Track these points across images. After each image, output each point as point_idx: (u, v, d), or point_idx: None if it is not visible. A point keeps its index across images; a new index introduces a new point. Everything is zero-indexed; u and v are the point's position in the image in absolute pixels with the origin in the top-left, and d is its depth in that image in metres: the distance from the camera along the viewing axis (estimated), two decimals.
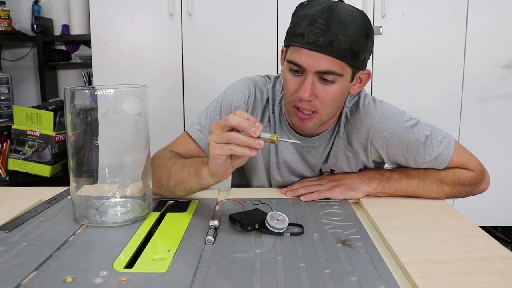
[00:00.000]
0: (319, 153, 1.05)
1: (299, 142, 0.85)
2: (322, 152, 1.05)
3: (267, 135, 0.75)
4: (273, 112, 1.06)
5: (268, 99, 1.06)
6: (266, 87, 1.07)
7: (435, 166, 0.98)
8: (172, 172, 0.90)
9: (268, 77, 1.11)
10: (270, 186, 1.13)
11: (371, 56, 0.93)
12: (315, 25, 0.84)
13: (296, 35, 0.87)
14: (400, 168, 1.02)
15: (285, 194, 1.02)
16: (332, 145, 1.04)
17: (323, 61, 0.85)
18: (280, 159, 1.07)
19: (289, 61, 0.90)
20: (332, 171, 1.07)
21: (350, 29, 0.84)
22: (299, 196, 0.99)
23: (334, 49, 0.84)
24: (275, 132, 1.06)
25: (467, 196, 1.01)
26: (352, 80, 0.92)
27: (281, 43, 1.03)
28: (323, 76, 0.87)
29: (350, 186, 0.99)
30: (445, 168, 0.98)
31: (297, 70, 0.89)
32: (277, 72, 1.97)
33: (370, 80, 1.36)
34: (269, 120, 1.06)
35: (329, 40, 0.83)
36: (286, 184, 1.08)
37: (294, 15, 0.91)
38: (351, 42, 0.84)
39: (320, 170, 1.07)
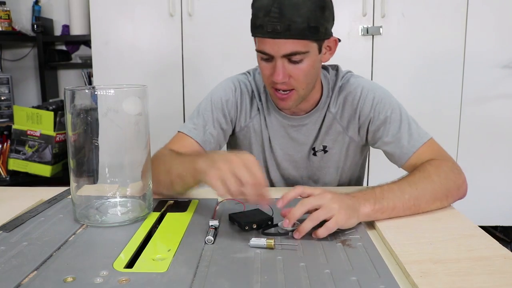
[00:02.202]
0: (310, 130, 1.11)
1: (297, 244, 0.73)
2: (312, 129, 1.11)
3: (263, 243, 0.71)
4: (260, 100, 1.12)
5: (253, 90, 1.13)
6: (248, 80, 1.14)
7: (408, 145, 1.01)
8: (171, 168, 0.92)
9: (248, 72, 1.17)
10: (268, 175, 1.17)
11: (370, 56, 0.94)
12: (270, 15, 0.90)
13: (257, 27, 0.94)
14: (384, 184, 0.90)
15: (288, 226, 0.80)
16: (323, 121, 1.10)
17: (286, 45, 0.92)
18: (272, 144, 1.13)
19: (258, 51, 0.98)
20: (324, 147, 1.11)
21: (303, 9, 0.89)
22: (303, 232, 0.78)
23: (292, 32, 0.90)
24: (265, 119, 1.12)
25: (456, 189, 0.92)
26: (320, 51, 0.98)
27: None
28: (290, 58, 0.94)
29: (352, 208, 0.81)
30: (422, 166, 0.95)
31: (267, 57, 0.97)
32: None
33: (370, 79, 1.37)
34: (258, 109, 1.12)
35: (285, 25, 0.90)
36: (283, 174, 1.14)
37: (252, 6, 0.97)
38: (307, 21, 0.90)
39: (313, 149, 1.12)
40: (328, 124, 1.10)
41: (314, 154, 1.13)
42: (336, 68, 1.13)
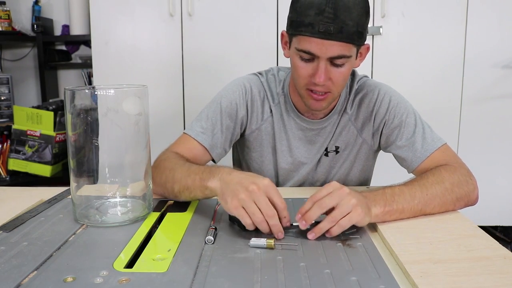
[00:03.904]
0: (327, 133, 1.11)
1: (297, 244, 0.74)
2: (329, 132, 1.11)
3: (263, 243, 0.72)
4: (274, 102, 1.11)
5: (265, 91, 1.11)
6: (260, 81, 1.12)
7: (421, 150, 1.00)
8: (177, 178, 0.89)
9: (259, 73, 1.15)
10: (276, 176, 1.16)
11: (370, 56, 0.95)
12: (323, 14, 0.88)
13: (305, 25, 0.90)
14: (395, 185, 0.90)
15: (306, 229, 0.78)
16: (339, 122, 1.10)
17: (334, 47, 0.91)
18: (291, 146, 1.13)
19: (300, 50, 0.94)
20: (336, 148, 1.12)
21: (354, 12, 0.89)
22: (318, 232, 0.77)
23: (344, 35, 0.89)
24: (282, 121, 1.11)
25: (467, 197, 0.92)
26: (356, 56, 0.98)
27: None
28: (334, 61, 0.93)
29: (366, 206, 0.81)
30: (436, 170, 0.94)
31: (309, 58, 0.94)
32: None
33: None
34: (271, 111, 1.11)
35: (339, 27, 0.88)
36: (290, 169, 1.14)
37: (295, 3, 0.94)
38: (356, 25, 0.90)
39: (326, 149, 1.12)
40: (343, 125, 1.10)
41: (326, 154, 1.13)
42: (352, 72, 1.12)
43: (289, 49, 1.00)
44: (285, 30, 1.00)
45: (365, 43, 0.98)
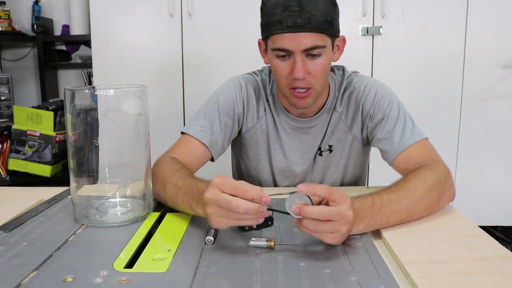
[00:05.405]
0: (318, 131, 1.11)
1: (297, 244, 0.72)
2: (320, 130, 1.11)
3: (263, 243, 0.72)
4: (267, 101, 1.12)
5: (260, 90, 1.13)
6: (256, 79, 1.14)
7: (399, 143, 0.99)
8: (168, 193, 0.88)
9: (254, 72, 1.17)
10: (273, 175, 1.16)
11: (370, 56, 0.95)
12: (289, 9, 0.91)
13: (274, 24, 0.93)
14: (380, 191, 0.83)
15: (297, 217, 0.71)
16: (330, 120, 1.11)
17: (306, 39, 0.93)
18: (284, 145, 1.13)
19: (275, 49, 0.96)
20: (330, 147, 1.12)
21: (320, 3, 0.92)
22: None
23: (313, 25, 0.92)
24: (274, 121, 1.12)
25: (447, 194, 0.89)
26: (332, 48, 1.00)
27: None
28: (309, 52, 0.94)
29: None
30: (417, 170, 0.91)
31: (284, 55, 0.96)
32: None
33: None
34: (265, 109, 1.12)
35: (306, 18, 0.91)
36: (287, 171, 1.14)
37: (263, 7, 0.98)
38: (324, 15, 0.92)
39: (319, 149, 1.12)
40: (334, 124, 1.11)
41: (320, 154, 1.13)
42: (342, 68, 1.13)
43: (267, 54, 1.02)
44: (261, 38, 1.03)
45: (340, 35, 1.01)
